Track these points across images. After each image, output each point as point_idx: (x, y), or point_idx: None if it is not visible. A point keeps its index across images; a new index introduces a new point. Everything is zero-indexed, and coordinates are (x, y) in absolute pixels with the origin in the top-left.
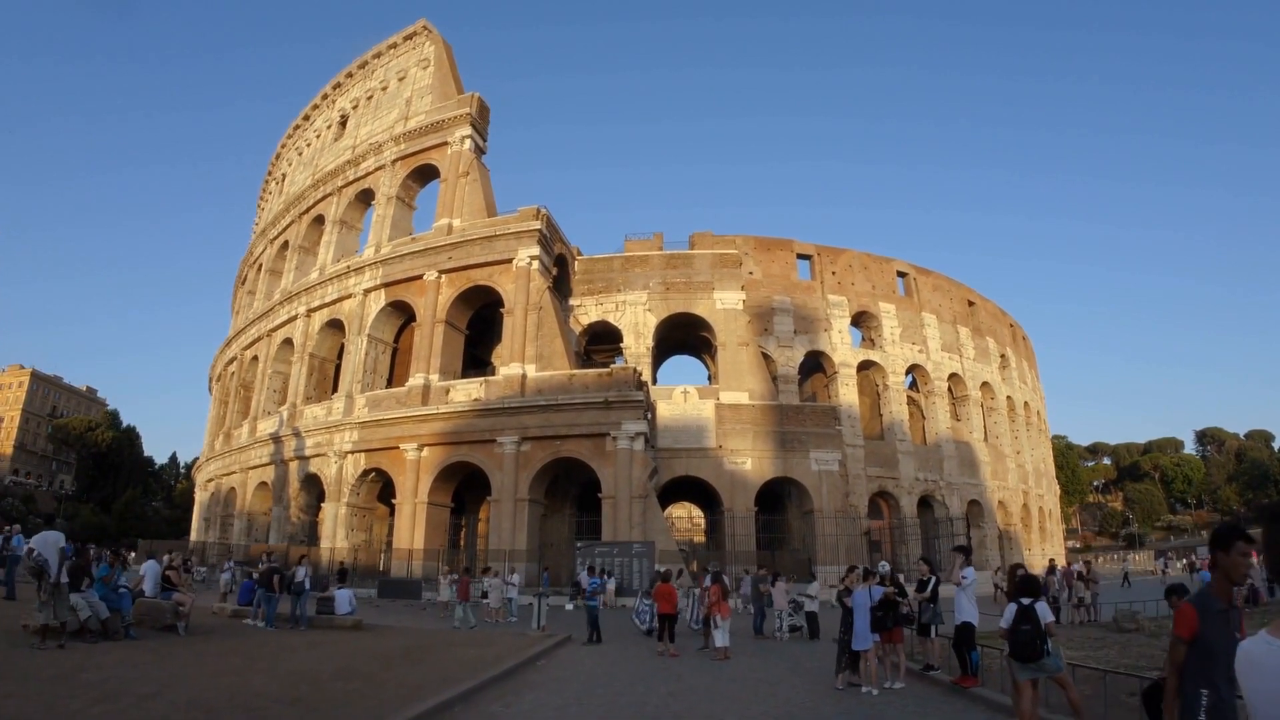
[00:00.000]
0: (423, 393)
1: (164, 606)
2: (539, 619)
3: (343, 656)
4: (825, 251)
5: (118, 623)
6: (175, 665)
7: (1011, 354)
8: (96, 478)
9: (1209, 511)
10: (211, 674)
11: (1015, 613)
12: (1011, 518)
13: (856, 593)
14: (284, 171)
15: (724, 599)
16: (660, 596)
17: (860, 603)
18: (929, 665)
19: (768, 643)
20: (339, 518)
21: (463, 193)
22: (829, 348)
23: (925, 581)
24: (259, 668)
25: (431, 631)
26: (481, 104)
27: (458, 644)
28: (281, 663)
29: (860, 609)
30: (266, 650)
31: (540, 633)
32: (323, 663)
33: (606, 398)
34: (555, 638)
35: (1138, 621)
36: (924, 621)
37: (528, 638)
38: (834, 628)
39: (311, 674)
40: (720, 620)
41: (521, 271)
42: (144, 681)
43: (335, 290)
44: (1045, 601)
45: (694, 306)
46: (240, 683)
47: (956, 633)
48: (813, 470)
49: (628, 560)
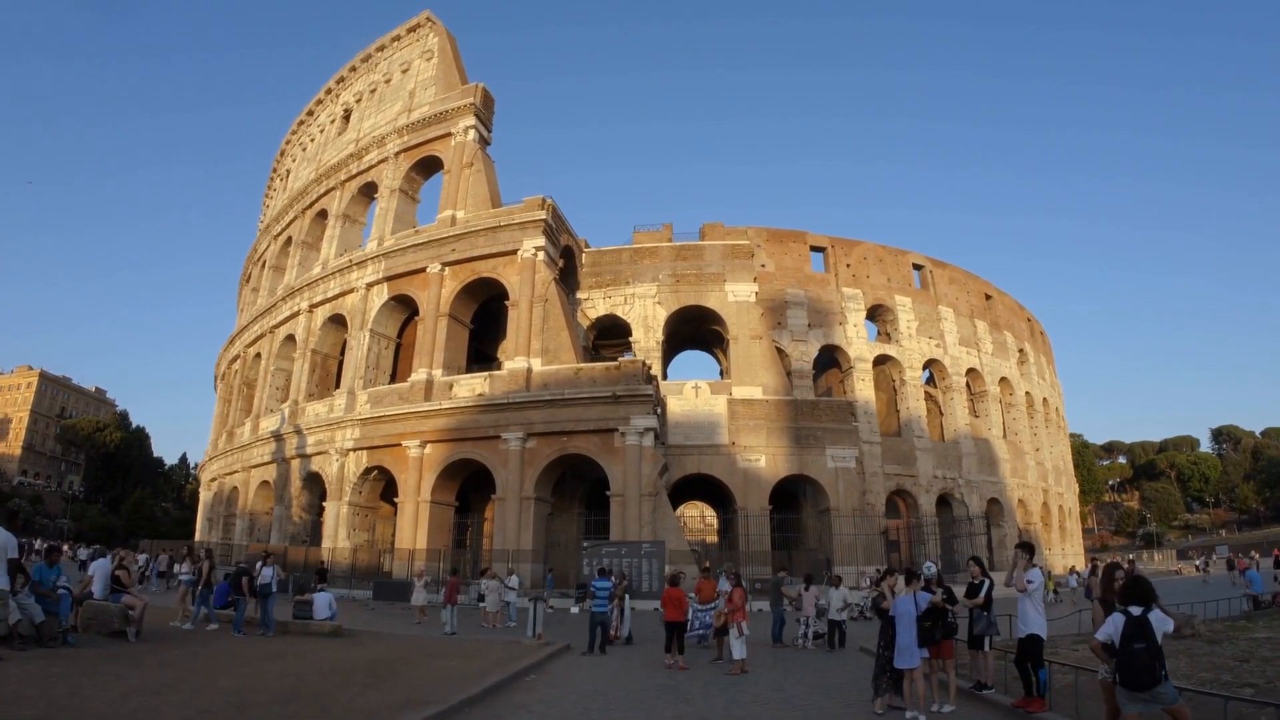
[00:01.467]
0: (425, 388)
1: (112, 610)
2: (534, 625)
3: (299, 671)
4: (839, 243)
5: (54, 627)
6: (88, 680)
7: (1029, 349)
8: (105, 479)
9: (1226, 510)
10: (123, 693)
11: (1125, 625)
12: (1031, 516)
13: (899, 600)
14: (288, 168)
15: (744, 605)
16: (668, 602)
17: (904, 612)
18: (982, 683)
19: (787, 652)
20: (341, 517)
21: (466, 184)
22: (844, 342)
23: (977, 585)
24: (187, 686)
25: (416, 639)
26: (486, 94)
27: (440, 654)
28: (220, 679)
29: (904, 620)
30: (214, 662)
31: (535, 641)
32: (270, 679)
33: (614, 392)
34: (551, 647)
35: (1193, 626)
36: (977, 633)
37: (521, 647)
38: (861, 637)
39: (247, 694)
40: (739, 629)
41: (526, 263)
42: (34, 701)
43: (337, 285)
44: (1159, 609)
45: (705, 299)
46: (148, 706)
47: (1021, 646)
48: (829, 468)
49: (637, 560)
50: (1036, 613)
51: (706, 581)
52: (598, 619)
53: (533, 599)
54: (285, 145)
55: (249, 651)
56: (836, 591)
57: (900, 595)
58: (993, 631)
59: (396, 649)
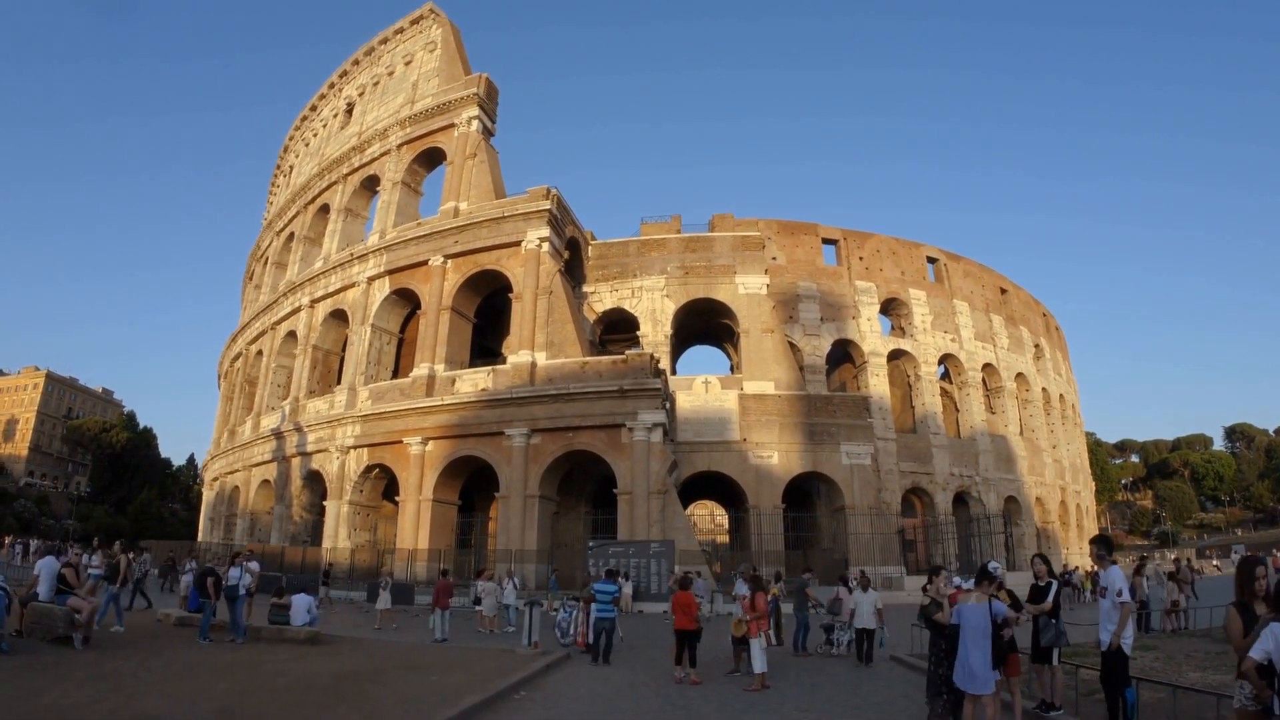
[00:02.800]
0: (427, 383)
1: (56, 613)
2: (530, 632)
3: (247, 688)
4: (851, 236)
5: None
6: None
7: (1045, 344)
8: (112, 479)
9: (1241, 509)
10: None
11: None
12: (1049, 515)
13: (966, 609)
14: (291, 163)
15: (768, 612)
16: (678, 608)
17: (975, 624)
18: (1048, 703)
19: (812, 663)
20: (341, 516)
21: (470, 175)
22: (857, 336)
23: (1043, 587)
24: (105, 706)
25: (399, 648)
26: (490, 85)
27: (420, 666)
28: (149, 698)
29: (975, 634)
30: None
31: (531, 650)
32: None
33: (622, 386)
34: (549, 656)
35: None
36: (1044, 644)
37: (515, 657)
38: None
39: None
40: (763, 640)
41: (531, 254)
42: None
43: (339, 279)
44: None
45: (715, 291)
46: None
47: (1105, 662)
48: (843, 464)
49: (645, 561)
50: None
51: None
52: (601, 625)
53: (528, 603)
54: (289, 141)
55: (205, 662)
56: (867, 595)
57: (967, 602)
58: (1062, 642)
59: (373, 660)
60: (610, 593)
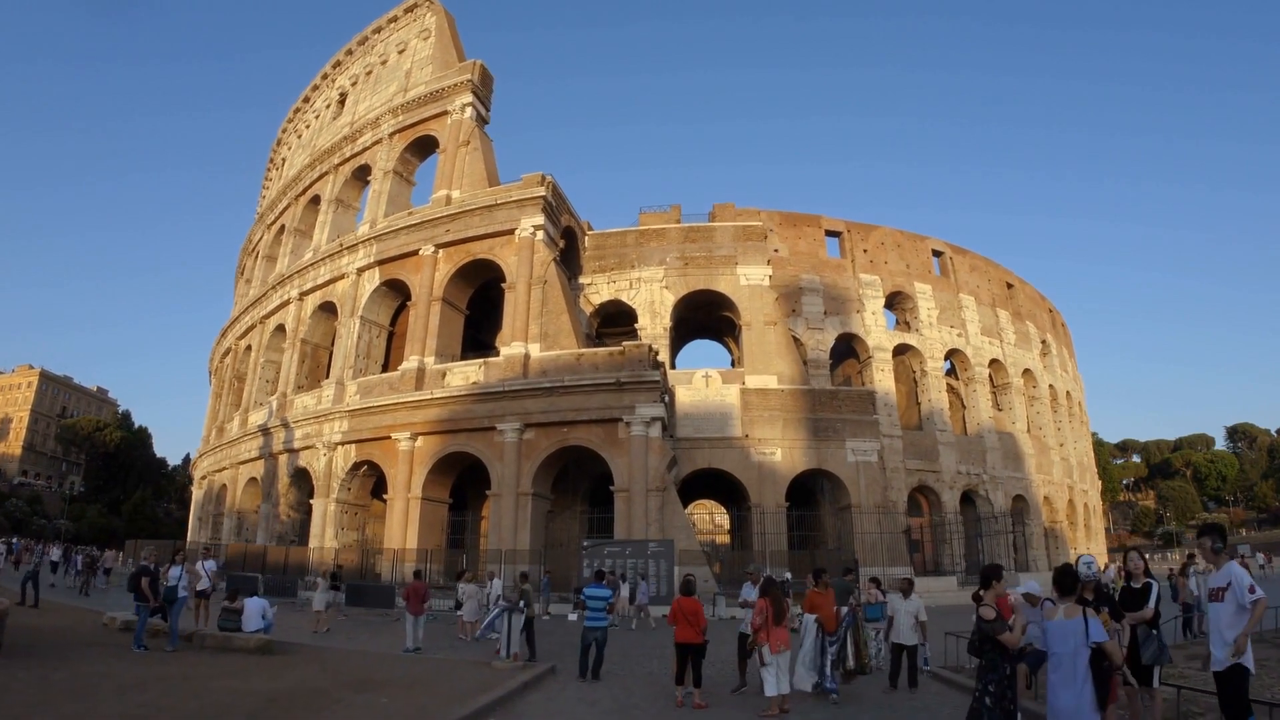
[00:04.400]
0: (417, 376)
1: None
2: (509, 643)
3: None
4: (855, 228)
5: None
6: None
7: (1052, 340)
8: (106, 479)
9: (1245, 509)
10: None
11: None
12: (1057, 514)
13: (1054, 626)
14: (284, 156)
15: (781, 620)
16: (679, 616)
17: (1066, 649)
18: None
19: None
20: (328, 515)
21: (463, 163)
22: (862, 330)
23: (1140, 590)
24: None
25: (362, 659)
26: (484, 71)
27: (377, 683)
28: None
29: (1066, 662)
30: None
31: (509, 663)
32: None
33: (619, 378)
34: (530, 670)
35: None
36: (1145, 661)
37: (490, 672)
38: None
39: None
40: (769, 655)
41: (525, 242)
42: None
43: (328, 271)
44: None
45: (715, 283)
46: None
47: (1221, 684)
48: (849, 461)
49: (642, 561)
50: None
51: (822, 595)
52: (590, 636)
53: (505, 608)
54: (281, 134)
55: (118, 676)
56: (907, 603)
57: (1051, 618)
58: (1164, 659)
59: (323, 675)
60: (603, 598)
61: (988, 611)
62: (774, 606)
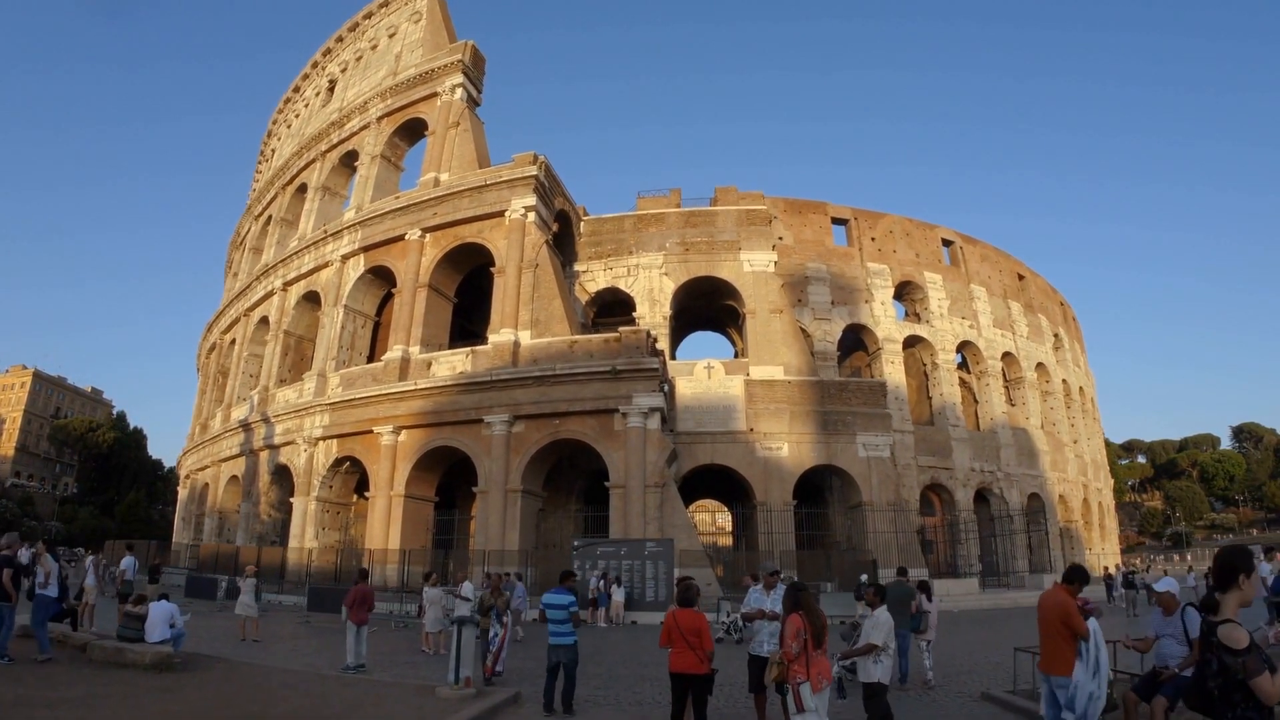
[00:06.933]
0: (401, 367)
1: None
2: (457, 665)
3: None
4: (863, 215)
5: None
6: None
7: (1064, 334)
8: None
9: (1253, 509)
10: None
11: None
12: (1072, 513)
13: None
14: (274, 148)
15: (821, 642)
16: (675, 634)
17: None
18: None
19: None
20: (309, 514)
21: (452, 145)
22: (870, 321)
23: None
24: None
25: (283, 679)
26: (475, 52)
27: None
28: None
29: None
30: None
31: (457, 689)
32: None
33: (614, 366)
34: (484, 700)
35: None
36: None
37: (434, 701)
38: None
39: None
40: (809, 696)
41: (515, 224)
42: None
43: (312, 260)
44: None
45: (718, 269)
46: None
47: None
48: (860, 457)
49: (640, 562)
50: None
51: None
52: (555, 656)
53: (458, 620)
54: (272, 125)
55: None
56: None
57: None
58: None
59: (218, 704)
60: (563, 606)
61: (1239, 635)
62: (809, 623)
